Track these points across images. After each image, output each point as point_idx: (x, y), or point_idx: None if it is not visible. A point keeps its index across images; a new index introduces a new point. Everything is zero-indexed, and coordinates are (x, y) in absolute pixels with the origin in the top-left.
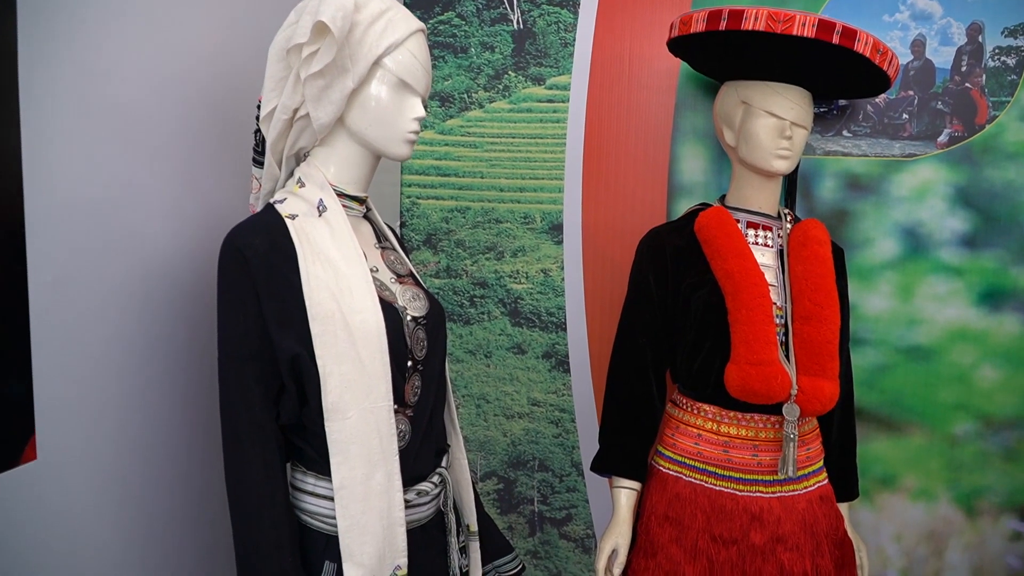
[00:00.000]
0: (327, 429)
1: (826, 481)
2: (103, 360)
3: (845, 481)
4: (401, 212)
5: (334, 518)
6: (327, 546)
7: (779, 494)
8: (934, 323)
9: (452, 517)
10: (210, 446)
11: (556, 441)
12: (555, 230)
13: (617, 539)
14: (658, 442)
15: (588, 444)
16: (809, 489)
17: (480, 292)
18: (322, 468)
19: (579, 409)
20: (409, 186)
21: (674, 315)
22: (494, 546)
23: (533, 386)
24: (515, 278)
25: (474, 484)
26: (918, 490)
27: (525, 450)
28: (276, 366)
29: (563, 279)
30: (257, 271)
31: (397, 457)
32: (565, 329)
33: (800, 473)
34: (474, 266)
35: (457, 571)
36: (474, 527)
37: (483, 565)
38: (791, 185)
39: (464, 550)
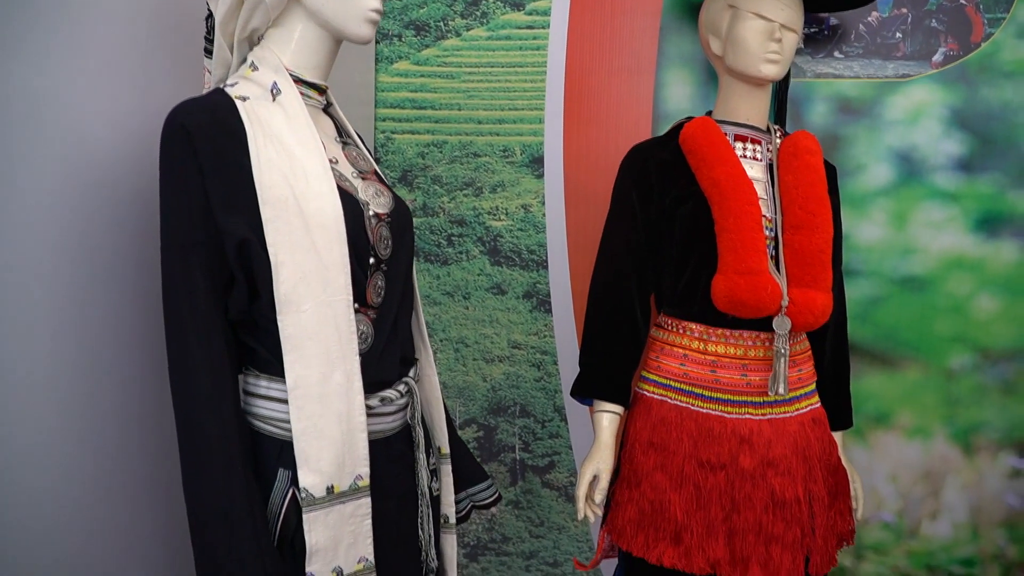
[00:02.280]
0: (280, 324)
1: (819, 404)
2: (35, 268)
3: (839, 409)
4: (375, 148)
5: (288, 422)
6: (281, 453)
7: (769, 416)
8: (929, 252)
9: (420, 431)
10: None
11: (538, 385)
12: (536, 163)
13: (598, 464)
14: (642, 367)
15: (570, 386)
16: (801, 411)
17: (458, 230)
18: (275, 370)
19: (561, 351)
20: (383, 120)
21: (659, 232)
22: (468, 472)
23: (514, 328)
24: (494, 215)
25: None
26: (913, 427)
27: (506, 395)
28: (224, 254)
29: (544, 215)
30: (202, 148)
31: (357, 357)
32: (546, 267)
33: (792, 395)
34: (451, 203)
35: (426, 491)
36: (445, 449)
37: (456, 492)
38: (781, 105)
39: (435, 473)
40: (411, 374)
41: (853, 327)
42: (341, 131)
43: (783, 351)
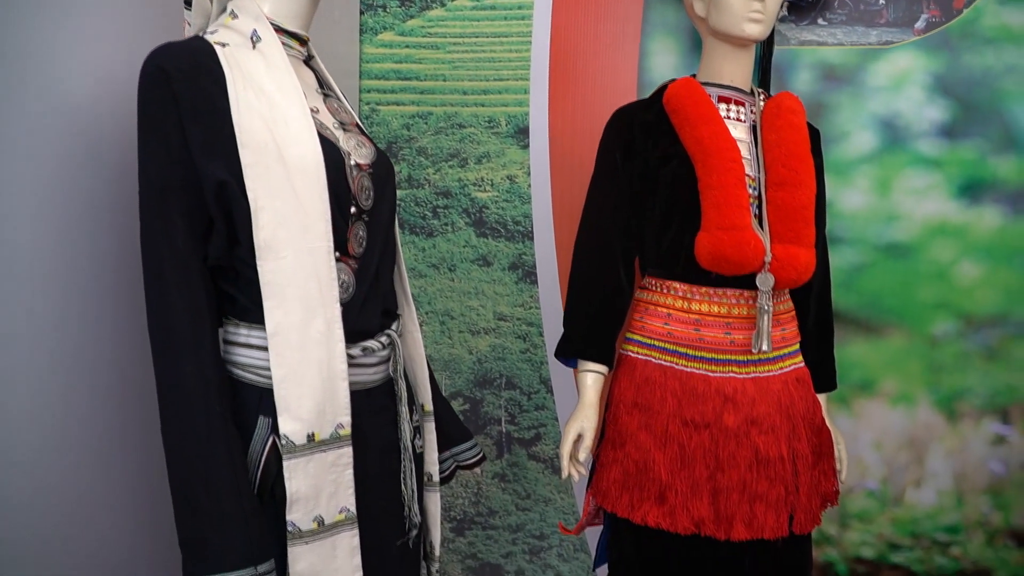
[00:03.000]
0: (260, 270)
1: (802, 364)
2: (15, 222)
3: (823, 371)
4: (360, 120)
5: (268, 370)
6: (261, 400)
7: (753, 375)
8: (912, 219)
9: (403, 385)
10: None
11: (524, 357)
12: (521, 134)
13: (582, 423)
14: (626, 328)
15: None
16: (784, 370)
17: (443, 202)
18: (255, 317)
19: (547, 322)
20: (368, 92)
21: (642, 192)
22: (452, 431)
23: (499, 299)
24: (479, 186)
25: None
26: (897, 394)
27: (492, 368)
28: (203, 199)
29: (529, 185)
30: (180, 90)
31: (338, 305)
32: (532, 238)
33: (775, 354)
34: (437, 175)
35: (409, 446)
36: (429, 407)
37: (440, 452)
38: (765, 72)
39: (418, 430)
40: (394, 327)
41: (837, 295)
42: (323, 83)
43: (766, 308)
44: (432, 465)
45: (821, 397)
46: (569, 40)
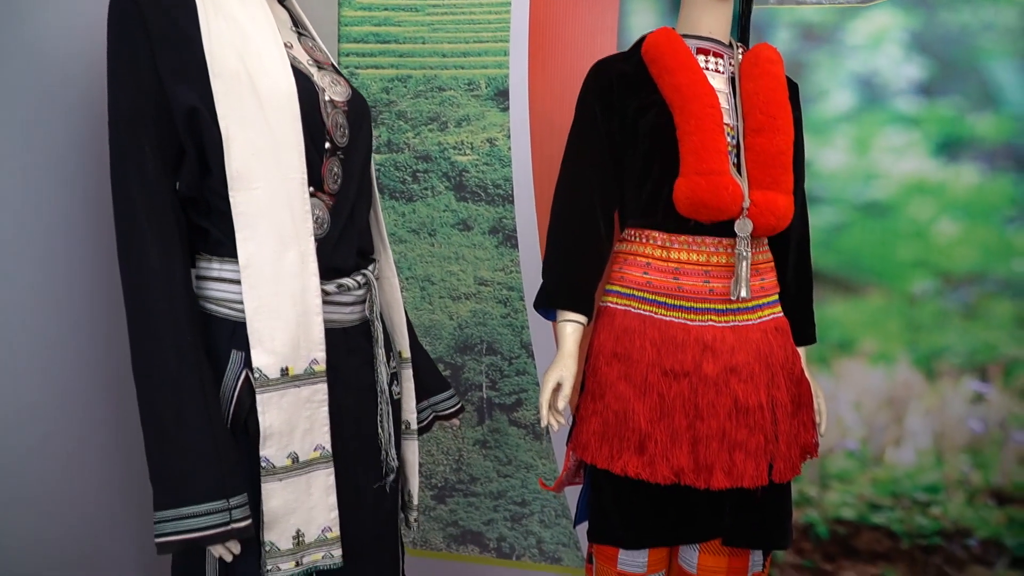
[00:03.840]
0: (232, 201)
1: (781, 315)
2: None
3: (802, 324)
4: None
5: (241, 303)
6: (234, 334)
7: (732, 323)
8: (891, 177)
9: (379, 327)
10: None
11: (504, 322)
12: (501, 96)
13: (562, 372)
14: (605, 281)
15: (537, 322)
16: (763, 319)
17: (423, 166)
18: (228, 251)
19: (528, 286)
20: (347, 55)
21: (622, 143)
22: (430, 380)
23: (480, 264)
24: (459, 150)
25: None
26: (877, 353)
27: (472, 333)
28: (173, 128)
29: (509, 148)
30: (151, 18)
31: (312, 238)
32: (512, 202)
33: (754, 303)
34: (416, 139)
35: (386, 389)
36: (406, 354)
37: (418, 401)
38: (743, 31)
39: (396, 376)
40: (370, 269)
41: (817, 254)
42: (297, 23)
43: (745, 254)
44: (410, 413)
45: (800, 351)
46: (549, 1)
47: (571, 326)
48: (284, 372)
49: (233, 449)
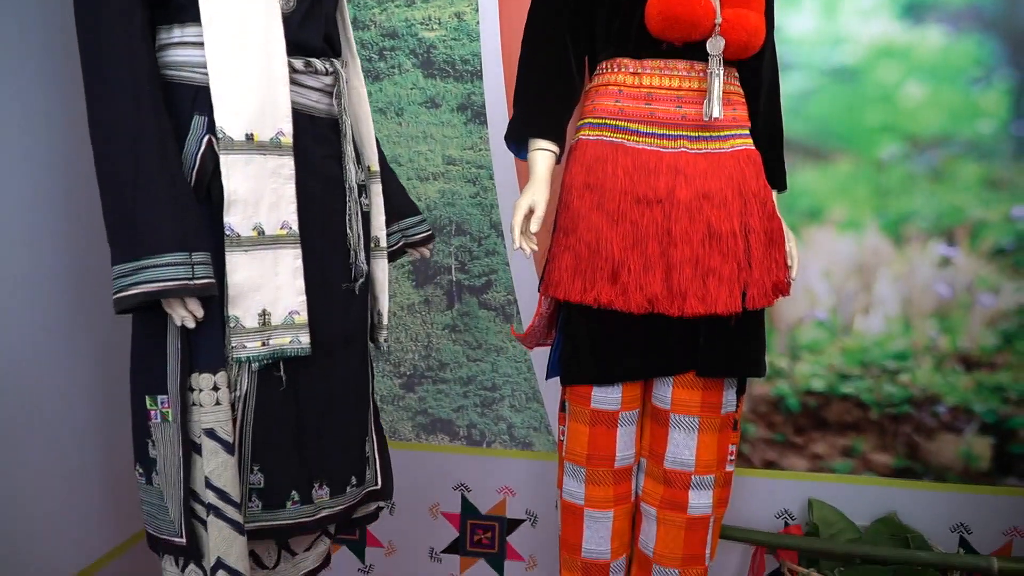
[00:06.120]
0: None
1: (754, 148)
2: None
3: (773, 170)
4: None
5: (205, 66)
6: (196, 98)
7: (705, 151)
8: (859, 41)
9: (348, 120)
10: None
11: (474, 201)
12: None
13: (534, 196)
14: (577, 118)
15: (507, 200)
16: (736, 148)
17: (390, 44)
18: (191, 15)
19: (497, 164)
20: None
21: None
22: (400, 204)
23: (448, 143)
24: (427, 25)
25: None
26: (846, 221)
27: (441, 214)
28: None
29: (478, 23)
30: None
31: (277, 5)
32: (481, 77)
33: (726, 132)
34: (383, 15)
35: (355, 188)
36: (375, 168)
37: (388, 224)
38: None
39: (364, 190)
40: (339, 63)
41: (787, 121)
42: None
43: (717, 72)
44: (379, 229)
45: (773, 197)
46: None
47: (542, 154)
48: (249, 138)
49: (195, 206)
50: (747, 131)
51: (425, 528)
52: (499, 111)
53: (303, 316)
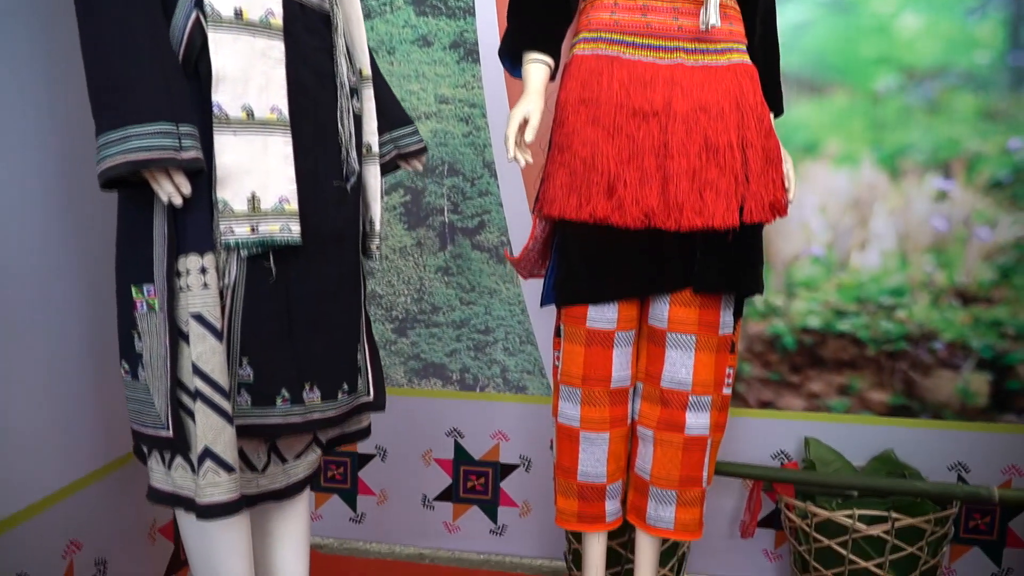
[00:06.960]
0: None
1: (751, 63)
2: None
3: (769, 94)
4: None
5: None
6: None
7: (702, 63)
8: None
9: (339, 15)
10: None
11: (466, 141)
12: None
13: (528, 107)
14: (571, 35)
15: (500, 139)
16: (733, 61)
17: None
18: None
19: (490, 102)
20: None
21: None
22: (392, 114)
23: (440, 81)
24: None
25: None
26: (841, 155)
27: (433, 154)
28: None
29: None
30: None
31: None
32: (473, 14)
33: (723, 45)
34: None
35: (346, 83)
36: (367, 72)
37: (380, 134)
38: None
39: (356, 93)
40: None
41: (781, 54)
42: None
43: None
44: (371, 135)
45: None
46: None
47: (536, 66)
48: (238, 14)
49: (183, 79)
50: (744, 47)
51: (417, 475)
52: (492, 49)
53: (293, 205)
